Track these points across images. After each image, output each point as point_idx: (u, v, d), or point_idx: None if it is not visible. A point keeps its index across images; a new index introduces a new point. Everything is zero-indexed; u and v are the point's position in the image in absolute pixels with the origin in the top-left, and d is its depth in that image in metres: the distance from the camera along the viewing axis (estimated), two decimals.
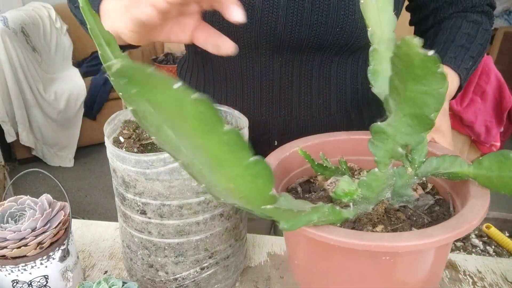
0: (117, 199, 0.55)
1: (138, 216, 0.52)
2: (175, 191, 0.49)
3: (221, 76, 0.70)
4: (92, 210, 2.36)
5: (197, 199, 0.50)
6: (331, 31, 0.61)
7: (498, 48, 2.97)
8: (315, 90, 0.68)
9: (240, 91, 0.69)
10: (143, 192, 0.50)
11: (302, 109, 0.69)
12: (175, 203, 0.50)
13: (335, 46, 0.64)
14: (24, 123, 2.55)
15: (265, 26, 0.61)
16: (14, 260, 0.52)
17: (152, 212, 0.51)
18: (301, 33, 0.61)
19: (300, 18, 0.60)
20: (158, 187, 0.49)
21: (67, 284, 0.57)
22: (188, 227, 0.52)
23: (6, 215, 0.56)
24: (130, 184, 0.50)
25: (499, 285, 0.62)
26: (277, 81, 0.67)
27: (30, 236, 0.52)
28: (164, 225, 0.52)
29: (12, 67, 2.44)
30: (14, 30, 2.50)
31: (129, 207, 0.53)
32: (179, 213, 0.51)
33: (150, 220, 0.52)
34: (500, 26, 3.13)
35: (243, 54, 0.66)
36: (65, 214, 0.57)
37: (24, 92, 2.52)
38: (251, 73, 0.67)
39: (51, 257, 0.54)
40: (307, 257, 0.45)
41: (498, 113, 1.85)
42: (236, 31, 0.62)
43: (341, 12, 0.60)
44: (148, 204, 0.51)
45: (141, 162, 0.47)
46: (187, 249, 0.53)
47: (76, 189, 2.54)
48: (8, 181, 1.82)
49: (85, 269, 0.65)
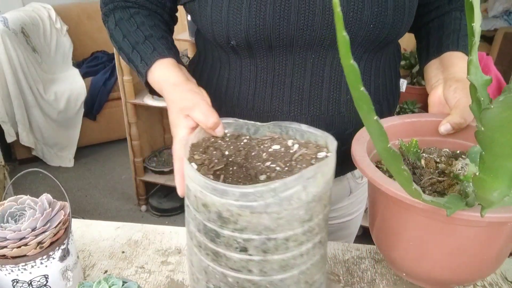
0: (202, 237, 0.48)
1: (236, 254, 0.46)
2: (283, 223, 0.44)
3: (250, 73, 0.70)
4: (92, 210, 2.37)
5: (302, 229, 0.46)
6: (365, 27, 0.63)
7: (498, 48, 2.96)
8: (344, 87, 0.69)
9: (270, 88, 0.69)
10: (246, 227, 0.44)
11: (331, 105, 0.70)
12: (281, 236, 0.45)
13: (366, 42, 0.66)
14: (24, 123, 2.55)
15: (301, 25, 0.62)
16: (14, 260, 0.52)
17: (254, 249, 0.45)
18: (335, 31, 0.62)
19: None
20: (265, 221, 0.43)
21: (67, 283, 0.57)
22: (292, 260, 0.47)
23: (6, 215, 0.56)
24: (229, 220, 0.44)
25: (499, 285, 0.62)
26: (308, 78, 0.68)
27: (30, 236, 0.52)
28: (268, 262, 0.46)
29: (12, 68, 2.44)
30: (14, 30, 2.51)
31: (225, 245, 0.46)
32: (285, 246, 0.45)
33: (251, 257, 0.46)
34: (500, 26, 3.13)
35: (277, 51, 0.66)
36: (65, 213, 0.57)
37: (24, 93, 2.52)
38: (283, 70, 0.68)
39: (51, 257, 0.54)
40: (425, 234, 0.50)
41: None
42: (272, 30, 0.62)
43: (375, 9, 0.62)
44: (251, 240, 0.45)
45: (247, 195, 0.42)
46: (289, 285, 0.48)
47: (76, 189, 2.54)
48: (8, 181, 1.82)
49: (85, 269, 0.66)
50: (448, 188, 0.51)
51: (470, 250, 0.48)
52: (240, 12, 0.62)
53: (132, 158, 2.27)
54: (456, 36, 0.72)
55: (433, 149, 0.60)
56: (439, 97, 0.65)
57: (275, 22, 0.62)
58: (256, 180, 0.51)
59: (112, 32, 0.73)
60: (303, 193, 0.43)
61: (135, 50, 0.68)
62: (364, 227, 1.60)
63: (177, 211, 2.35)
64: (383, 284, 0.62)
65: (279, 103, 0.69)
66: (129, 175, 2.56)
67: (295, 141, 0.55)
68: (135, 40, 0.69)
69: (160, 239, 0.72)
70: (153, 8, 0.74)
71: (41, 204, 0.56)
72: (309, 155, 0.52)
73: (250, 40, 0.64)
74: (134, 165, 2.29)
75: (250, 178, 0.51)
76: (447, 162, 0.56)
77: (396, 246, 0.53)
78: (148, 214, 2.37)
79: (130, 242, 0.71)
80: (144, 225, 0.76)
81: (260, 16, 0.61)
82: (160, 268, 0.66)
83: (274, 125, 0.56)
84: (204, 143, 0.55)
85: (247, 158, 0.54)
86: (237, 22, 0.63)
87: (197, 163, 0.50)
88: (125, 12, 0.72)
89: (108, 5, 0.74)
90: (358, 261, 0.66)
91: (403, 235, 0.52)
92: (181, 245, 0.71)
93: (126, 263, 0.67)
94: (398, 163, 0.37)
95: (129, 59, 0.70)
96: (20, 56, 2.48)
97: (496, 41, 3.05)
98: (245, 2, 0.62)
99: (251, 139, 0.57)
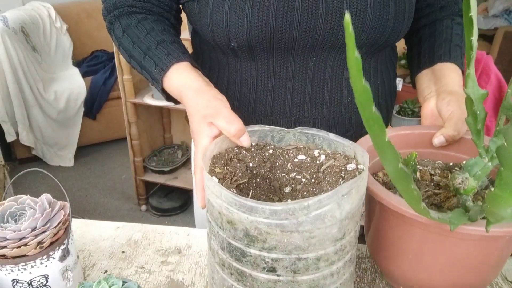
0: (226, 255, 0.46)
1: (263, 275, 0.44)
2: (315, 242, 0.42)
3: (251, 77, 0.69)
4: (92, 210, 2.37)
5: (334, 248, 0.43)
6: (366, 30, 0.63)
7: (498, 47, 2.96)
8: (345, 89, 0.69)
9: (271, 91, 0.69)
10: (275, 246, 0.42)
11: (332, 108, 0.69)
12: (312, 256, 0.43)
13: (366, 45, 0.66)
14: (24, 122, 2.55)
15: (304, 27, 0.62)
16: (14, 260, 0.52)
17: (283, 269, 0.43)
18: (339, 33, 0.62)
19: (339, 19, 0.61)
20: (296, 240, 0.41)
21: (67, 283, 0.57)
22: (322, 280, 0.45)
23: (6, 215, 0.56)
24: (257, 239, 0.42)
25: (499, 285, 0.62)
26: (310, 81, 0.67)
27: (30, 236, 0.52)
28: (297, 282, 0.44)
29: (12, 67, 2.44)
30: (14, 29, 2.50)
31: (251, 264, 0.44)
32: (316, 266, 0.43)
33: (279, 278, 0.44)
34: (500, 25, 3.13)
35: (278, 54, 0.65)
36: (65, 213, 0.57)
37: (24, 92, 2.52)
38: (284, 73, 0.67)
39: (51, 257, 0.54)
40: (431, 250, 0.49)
41: (498, 113, 1.85)
42: (275, 31, 0.62)
43: (377, 13, 0.62)
44: (280, 260, 0.43)
45: (278, 212, 0.40)
46: None
47: (76, 188, 2.54)
48: (8, 181, 1.82)
49: (85, 269, 0.65)
50: (445, 200, 0.51)
51: (470, 261, 0.48)
52: (242, 13, 0.61)
53: (132, 157, 2.27)
54: (448, 47, 0.72)
55: (427, 161, 0.60)
56: (432, 109, 0.65)
57: (278, 24, 0.61)
58: (280, 192, 0.49)
59: (121, 40, 0.69)
60: (337, 210, 0.41)
61: (147, 56, 0.65)
62: (364, 227, 1.60)
63: (177, 211, 2.35)
64: (383, 284, 0.62)
65: (280, 106, 0.69)
66: (129, 175, 2.56)
67: (321, 151, 0.53)
68: (146, 46, 0.66)
69: (160, 239, 0.72)
70: (160, 12, 0.71)
71: (41, 204, 0.56)
72: (337, 167, 0.50)
73: (252, 42, 0.63)
74: (134, 165, 2.29)
75: (274, 190, 0.49)
76: (442, 174, 0.56)
77: (394, 258, 0.53)
78: (148, 214, 2.37)
79: (130, 242, 0.71)
80: (144, 225, 0.76)
81: (263, 17, 0.61)
82: (160, 268, 0.66)
83: (301, 133, 0.55)
84: (227, 154, 0.52)
85: (271, 169, 0.52)
86: (239, 23, 0.62)
87: (218, 176, 0.48)
88: (132, 18, 0.69)
89: (113, 12, 0.71)
90: (358, 261, 0.66)
91: (402, 247, 0.51)
92: (181, 245, 0.71)
93: (126, 263, 0.67)
94: (408, 182, 0.37)
95: (142, 67, 0.67)
96: (20, 55, 2.47)
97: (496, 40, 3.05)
98: (247, 3, 0.61)
99: (275, 148, 0.54)
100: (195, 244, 0.71)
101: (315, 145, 0.54)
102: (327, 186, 0.48)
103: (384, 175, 0.57)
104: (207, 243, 0.50)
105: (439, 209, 0.51)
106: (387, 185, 0.56)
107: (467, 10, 0.41)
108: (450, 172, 0.57)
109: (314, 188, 0.48)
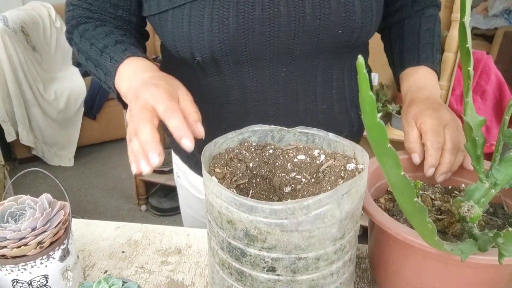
0: (226, 255, 0.46)
1: (263, 274, 0.44)
2: (314, 242, 0.42)
3: (221, 92, 0.67)
4: (92, 210, 2.37)
5: (333, 247, 0.44)
6: (333, 33, 0.61)
7: (498, 47, 2.96)
8: (319, 96, 0.68)
9: (244, 105, 0.67)
10: (275, 246, 0.42)
11: (308, 117, 0.68)
12: (312, 255, 0.43)
13: (335, 48, 0.64)
14: (24, 122, 2.55)
15: (267, 36, 0.60)
16: (14, 260, 0.52)
17: (283, 269, 0.43)
18: (304, 40, 0.61)
19: (302, 25, 0.60)
20: (296, 239, 0.41)
21: (67, 283, 0.57)
22: (322, 280, 0.45)
23: (6, 215, 0.56)
24: (257, 238, 0.42)
25: None
26: (282, 92, 0.66)
27: (30, 236, 0.52)
28: (297, 282, 0.44)
29: (12, 67, 2.44)
30: (14, 29, 2.50)
31: (251, 264, 0.44)
32: (315, 266, 0.44)
33: (279, 277, 0.44)
34: (500, 25, 3.13)
35: (245, 67, 0.64)
36: (65, 213, 0.57)
37: (24, 92, 2.52)
38: (254, 86, 0.65)
39: (51, 257, 0.54)
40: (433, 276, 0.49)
41: (498, 113, 1.85)
42: (238, 43, 0.60)
43: (342, 14, 0.60)
44: (280, 259, 0.43)
45: (278, 212, 0.40)
46: None
47: (76, 188, 2.54)
48: (8, 181, 1.82)
49: (85, 269, 0.66)
50: (448, 226, 0.51)
51: (478, 287, 0.49)
52: (202, 27, 0.59)
53: None
54: (416, 49, 0.72)
55: (426, 186, 0.60)
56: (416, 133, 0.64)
57: (240, 35, 0.59)
58: (280, 192, 0.49)
59: (79, 45, 0.66)
60: (337, 210, 0.41)
61: (104, 53, 0.62)
62: (363, 226, 1.60)
63: (177, 210, 2.35)
64: None
65: (255, 119, 0.67)
66: (129, 175, 2.56)
67: (321, 151, 0.53)
68: (103, 44, 0.63)
69: (160, 239, 0.72)
70: (119, 25, 0.68)
71: (41, 204, 0.56)
72: (337, 166, 0.50)
73: (216, 56, 0.61)
74: None
75: (273, 190, 0.49)
76: (443, 199, 0.56)
77: (400, 286, 0.52)
78: (148, 214, 2.37)
79: (130, 242, 0.71)
80: (144, 225, 0.76)
81: (223, 30, 0.59)
82: (160, 268, 0.66)
83: (301, 133, 0.55)
84: (227, 154, 0.52)
85: (271, 169, 0.52)
86: (199, 38, 0.60)
87: (218, 176, 0.48)
88: (89, 24, 0.67)
89: (71, 22, 0.68)
90: (358, 261, 0.66)
91: (409, 277, 0.51)
92: (181, 245, 0.71)
93: (126, 263, 0.67)
94: (423, 216, 0.38)
95: (97, 65, 0.63)
96: (20, 55, 2.47)
97: (496, 40, 3.05)
98: (206, 16, 0.58)
99: (275, 148, 0.54)
100: (195, 244, 0.71)
101: (315, 145, 0.54)
102: (327, 185, 0.48)
103: (386, 201, 0.57)
104: (207, 243, 0.50)
105: (443, 235, 0.50)
106: (390, 212, 0.56)
107: (464, 41, 0.42)
108: (450, 196, 0.57)
109: (314, 188, 0.49)
